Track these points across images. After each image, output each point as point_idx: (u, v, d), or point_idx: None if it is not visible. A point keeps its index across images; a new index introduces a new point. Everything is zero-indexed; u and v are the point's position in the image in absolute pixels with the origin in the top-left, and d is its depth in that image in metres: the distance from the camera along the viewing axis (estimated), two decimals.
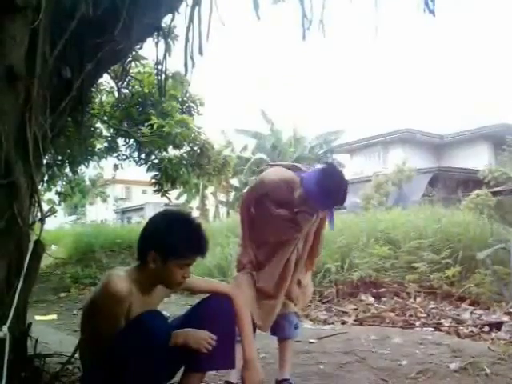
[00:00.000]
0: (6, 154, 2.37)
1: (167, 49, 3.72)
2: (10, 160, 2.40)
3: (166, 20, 3.58)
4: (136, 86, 7.95)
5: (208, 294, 2.53)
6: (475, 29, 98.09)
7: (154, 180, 8.76)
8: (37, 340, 3.02)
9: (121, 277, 2.14)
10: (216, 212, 28.65)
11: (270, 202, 3.03)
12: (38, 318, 5.99)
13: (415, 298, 6.20)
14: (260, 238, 3.16)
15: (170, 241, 2.17)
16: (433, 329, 5.00)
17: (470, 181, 18.25)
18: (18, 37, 2.46)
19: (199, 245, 2.25)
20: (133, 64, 6.29)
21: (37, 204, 2.74)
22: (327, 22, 3.56)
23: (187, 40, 3.37)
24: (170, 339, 2.19)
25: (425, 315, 5.57)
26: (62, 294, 9.18)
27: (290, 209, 2.98)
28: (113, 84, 7.43)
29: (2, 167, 2.36)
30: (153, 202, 28.15)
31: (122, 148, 9.12)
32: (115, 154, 9.32)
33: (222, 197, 29.94)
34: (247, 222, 3.21)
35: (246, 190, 3.37)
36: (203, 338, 2.24)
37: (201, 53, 3.38)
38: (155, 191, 8.90)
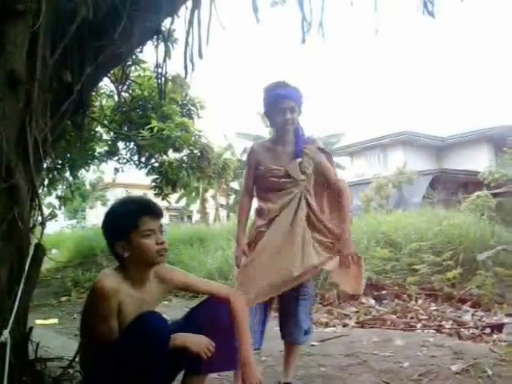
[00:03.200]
0: (7, 157, 2.38)
1: (167, 52, 3.73)
2: (10, 164, 2.41)
3: (166, 23, 3.59)
4: (136, 90, 7.95)
5: (206, 297, 2.54)
6: (476, 30, 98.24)
7: (154, 183, 8.75)
8: (38, 344, 3.02)
9: (107, 275, 2.19)
10: (216, 215, 28.62)
11: (263, 166, 3.10)
12: (38, 322, 5.98)
13: (416, 300, 6.19)
14: (269, 215, 3.10)
15: (117, 220, 2.27)
16: (434, 331, 4.99)
17: (470, 183, 18.27)
18: (19, 41, 2.47)
19: (142, 205, 2.31)
20: (132, 67, 6.29)
21: (37, 208, 2.75)
22: (327, 24, 3.58)
23: (187, 43, 3.39)
24: (169, 341, 2.18)
25: (426, 317, 5.56)
26: (63, 298, 9.18)
27: (282, 164, 3.08)
28: (113, 88, 7.44)
29: (2, 171, 2.36)
30: None
31: (122, 151, 9.10)
32: (115, 158, 9.31)
33: (222, 200, 29.93)
34: (245, 210, 3.22)
35: (241, 184, 3.42)
36: (203, 344, 2.23)
37: (200, 56, 3.39)
38: (155, 194, 8.88)
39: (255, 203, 3.24)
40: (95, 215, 35.19)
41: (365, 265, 6.75)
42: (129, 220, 2.22)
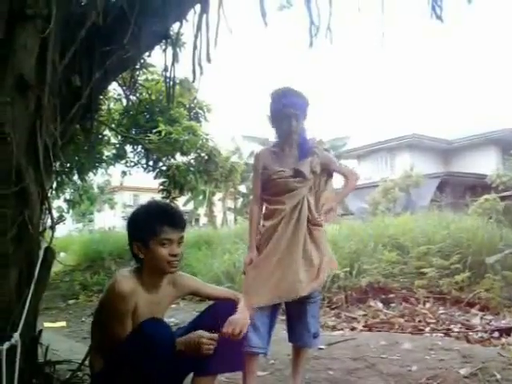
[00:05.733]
0: (17, 161, 2.40)
1: (175, 56, 3.74)
2: (20, 167, 2.42)
3: (174, 27, 3.60)
4: (144, 93, 7.97)
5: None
6: (483, 33, 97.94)
7: (161, 187, 8.76)
8: (47, 347, 3.03)
9: (125, 276, 2.23)
10: (224, 218, 28.61)
11: (269, 169, 3.11)
12: (47, 325, 6.00)
13: (424, 304, 6.17)
14: (279, 215, 3.08)
15: (140, 224, 2.30)
16: (442, 334, 4.98)
17: (478, 186, 18.17)
18: (29, 46, 2.49)
19: (165, 216, 2.32)
20: (140, 71, 6.31)
21: (47, 211, 2.76)
22: (334, 28, 3.59)
23: (195, 47, 3.40)
24: (173, 346, 2.18)
25: (434, 321, 5.54)
26: (71, 301, 9.22)
27: (289, 166, 3.10)
28: (120, 91, 7.45)
29: (13, 175, 2.38)
30: None
31: (130, 155, 9.12)
32: (123, 161, 9.33)
33: (229, 203, 29.92)
34: (256, 217, 3.19)
35: (249, 188, 3.41)
36: (202, 342, 2.20)
37: (208, 60, 3.40)
38: (163, 198, 8.87)
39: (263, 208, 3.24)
40: (103, 219, 35.30)
41: (373, 268, 6.82)
42: (150, 226, 2.26)
